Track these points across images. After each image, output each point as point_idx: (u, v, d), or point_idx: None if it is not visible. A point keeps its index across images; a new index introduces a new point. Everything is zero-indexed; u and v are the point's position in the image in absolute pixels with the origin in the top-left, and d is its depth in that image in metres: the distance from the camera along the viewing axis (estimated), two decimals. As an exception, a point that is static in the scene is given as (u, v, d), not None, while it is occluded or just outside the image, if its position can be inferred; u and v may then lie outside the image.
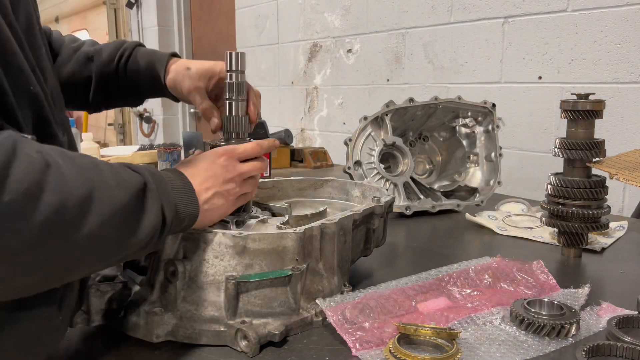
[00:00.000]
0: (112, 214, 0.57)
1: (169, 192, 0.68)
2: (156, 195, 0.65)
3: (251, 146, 0.87)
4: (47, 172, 0.51)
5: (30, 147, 0.52)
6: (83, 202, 0.54)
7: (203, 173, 0.79)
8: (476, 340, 0.77)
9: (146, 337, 0.76)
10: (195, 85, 0.98)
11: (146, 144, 3.35)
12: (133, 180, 0.63)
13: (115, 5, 5.06)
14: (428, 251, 1.29)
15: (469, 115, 1.70)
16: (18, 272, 0.51)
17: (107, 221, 0.56)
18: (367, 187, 1.16)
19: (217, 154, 0.83)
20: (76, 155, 0.58)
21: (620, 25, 1.70)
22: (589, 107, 1.11)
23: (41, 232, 0.50)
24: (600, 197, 1.13)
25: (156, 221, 0.64)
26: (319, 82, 2.95)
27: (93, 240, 0.56)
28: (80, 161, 0.57)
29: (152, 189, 0.65)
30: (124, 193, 0.60)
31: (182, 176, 0.75)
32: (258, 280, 0.78)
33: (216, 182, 0.79)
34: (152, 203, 0.64)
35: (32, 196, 0.49)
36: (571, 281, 0.98)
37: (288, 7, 3.10)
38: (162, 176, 0.69)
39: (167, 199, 0.67)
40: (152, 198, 0.64)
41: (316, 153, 2.49)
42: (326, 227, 0.86)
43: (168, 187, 0.69)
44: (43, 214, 0.49)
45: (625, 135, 1.72)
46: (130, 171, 0.65)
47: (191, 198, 0.74)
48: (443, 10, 2.22)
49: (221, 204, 0.81)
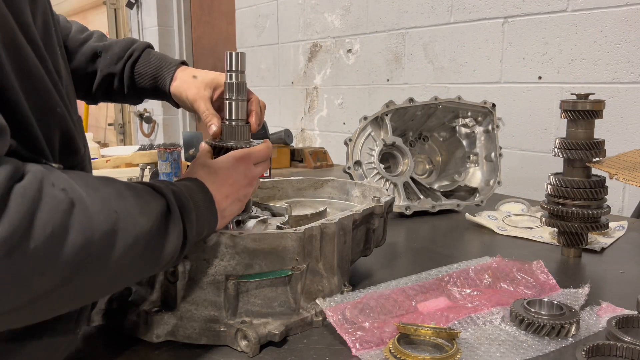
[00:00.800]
0: (136, 241, 0.58)
1: (191, 212, 0.68)
2: (178, 218, 0.65)
3: (264, 149, 0.88)
4: (72, 211, 0.51)
5: (56, 185, 0.52)
6: (108, 235, 0.54)
7: (224, 182, 0.79)
8: (476, 340, 0.77)
9: (146, 337, 0.76)
10: (201, 94, 0.98)
11: (146, 144, 3.35)
12: (155, 205, 0.63)
13: (115, 5, 5.06)
14: (428, 251, 1.29)
15: (469, 115, 1.70)
16: (52, 307, 0.54)
17: (131, 249, 0.57)
18: (367, 187, 1.16)
19: (235, 159, 0.83)
20: (100, 184, 0.58)
21: (620, 25, 1.70)
22: (588, 107, 1.11)
23: (69, 271, 0.51)
24: (600, 197, 1.13)
25: (177, 242, 0.65)
26: (319, 82, 2.95)
27: (119, 268, 0.57)
28: (104, 191, 0.57)
29: (175, 212, 0.65)
30: (147, 220, 0.60)
31: (204, 189, 0.75)
32: (258, 280, 0.78)
33: (236, 189, 0.80)
34: (174, 225, 0.64)
35: (57, 239, 0.49)
36: (571, 281, 0.98)
37: (288, 7, 3.10)
38: (185, 195, 0.69)
39: (189, 220, 0.67)
40: (175, 221, 0.64)
41: (316, 153, 2.49)
42: (326, 227, 0.86)
43: (190, 206, 0.69)
44: (70, 254, 0.50)
45: (625, 135, 1.72)
46: (153, 193, 0.64)
47: (211, 211, 0.74)
48: (443, 10, 2.22)
49: (237, 208, 0.82)
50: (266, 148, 0.88)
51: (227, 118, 0.93)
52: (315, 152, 2.50)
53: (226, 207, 0.78)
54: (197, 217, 0.70)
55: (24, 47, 0.56)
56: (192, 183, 0.75)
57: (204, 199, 0.73)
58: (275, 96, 3.28)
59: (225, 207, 0.78)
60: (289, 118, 3.19)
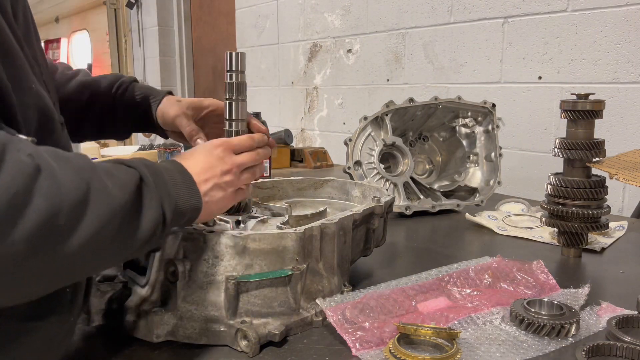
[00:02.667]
0: (110, 215, 0.56)
1: (168, 184, 0.67)
2: (154, 189, 0.63)
3: (245, 138, 0.87)
4: (38, 176, 0.49)
5: (21, 150, 0.50)
6: (78, 205, 0.52)
7: (201, 164, 0.77)
8: (476, 340, 0.77)
9: (146, 337, 0.76)
10: (182, 112, 1.03)
11: (146, 144, 3.35)
12: (128, 177, 0.62)
13: (115, 5, 5.06)
14: (428, 251, 1.29)
15: (469, 115, 1.70)
16: (12, 282, 0.49)
17: (105, 224, 0.55)
18: (367, 187, 1.16)
19: (213, 145, 0.82)
20: (72, 156, 0.57)
21: (620, 25, 1.70)
22: (588, 107, 1.11)
23: (31, 241, 0.48)
24: (600, 197, 1.13)
25: (156, 216, 0.63)
26: (319, 82, 2.95)
27: (90, 244, 0.54)
28: (75, 162, 0.56)
29: (149, 183, 0.63)
30: (120, 192, 0.58)
31: (181, 167, 0.74)
32: (258, 280, 0.78)
33: (214, 173, 0.78)
34: (150, 198, 0.62)
35: (20, 202, 0.47)
36: (571, 281, 0.98)
37: (288, 7, 3.10)
38: (159, 169, 0.68)
39: (166, 192, 0.66)
40: (150, 193, 0.63)
41: (316, 153, 2.49)
42: (326, 227, 0.86)
43: (166, 179, 0.67)
44: (33, 220, 0.48)
45: (625, 135, 1.72)
46: (125, 167, 0.63)
47: (192, 190, 0.72)
48: (443, 10, 2.22)
49: (220, 196, 0.79)
50: (248, 138, 0.87)
51: (227, 118, 0.93)
52: (315, 152, 2.50)
53: (207, 190, 0.76)
54: (177, 193, 0.68)
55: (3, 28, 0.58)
56: (169, 163, 0.74)
57: (181, 177, 0.71)
58: (275, 96, 3.28)
59: (206, 191, 0.76)
60: (289, 118, 3.19)
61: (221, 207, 0.81)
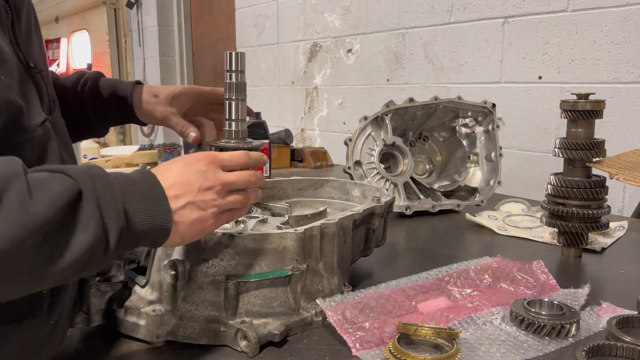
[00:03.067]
0: (22, 234, 0.48)
1: (117, 201, 0.57)
2: (93, 206, 0.54)
3: (238, 154, 0.75)
4: None
5: None
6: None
7: (174, 178, 0.66)
8: (476, 340, 0.77)
9: (146, 337, 0.76)
10: (169, 111, 1.05)
11: (146, 144, 3.35)
12: (63, 189, 0.53)
13: (115, 5, 5.06)
14: (428, 251, 1.29)
15: (469, 115, 1.70)
16: None
17: (14, 243, 0.48)
18: (367, 187, 1.16)
19: (196, 157, 0.71)
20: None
21: (620, 25, 1.70)
22: (589, 107, 1.10)
23: None
24: (600, 197, 1.13)
25: (92, 239, 0.54)
26: (319, 82, 2.95)
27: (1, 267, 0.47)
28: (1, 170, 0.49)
29: (89, 198, 0.54)
30: (44, 208, 0.50)
31: (152, 179, 0.64)
32: (258, 280, 0.78)
33: (189, 189, 0.66)
34: (87, 217, 0.54)
35: None
36: (571, 281, 0.98)
37: (288, 7, 3.10)
38: (110, 181, 0.58)
39: (114, 210, 0.56)
40: (88, 210, 0.54)
41: (316, 153, 2.49)
42: (326, 227, 0.86)
43: (117, 194, 0.57)
44: None
45: (625, 135, 1.72)
46: (64, 178, 0.55)
47: (160, 207, 0.62)
48: (443, 10, 2.22)
49: (195, 217, 0.67)
50: (242, 155, 0.75)
51: (227, 118, 0.93)
52: (315, 152, 2.50)
53: (177, 208, 0.65)
54: (133, 210, 0.58)
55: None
56: (139, 174, 0.65)
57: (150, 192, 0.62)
58: (275, 96, 3.28)
59: (177, 209, 0.65)
60: (289, 118, 3.19)
61: (196, 231, 0.69)
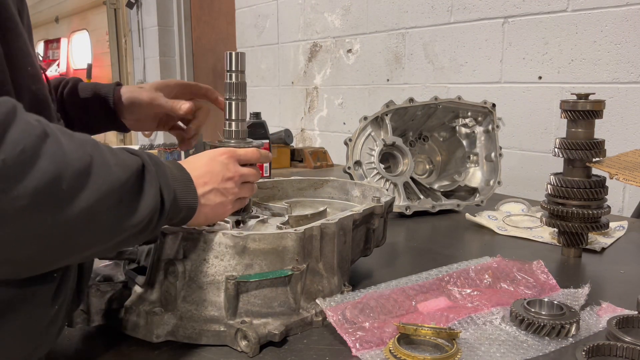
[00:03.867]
0: (109, 190, 0.56)
1: (168, 176, 0.67)
2: (155, 177, 0.64)
3: (252, 151, 0.88)
4: (45, 139, 0.51)
5: (30, 115, 0.52)
6: (80, 175, 0.53)
7: (202, 168, 0.78)
8: (476, 340, 0.77)
9: (146, 337, 0.76)
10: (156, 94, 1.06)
11: (146, 144, 3.35)
12: (132, 160, 0.62)
13: (115, 5, 5.06)
14: (428, 251, 1.29)
15: (469, 115, 1.70)
16: (10, 237, 0.50)
17: (104, 198, 0.55)
18: (367, 187, 1.16)
19: (218, 152, 0.83)
20: (75, 133, 0.57)
21: (620, 25, 1.70)
22: (589, 107, 1.10)
23: (34, 198, 0.49)
24: (600, 197, 1.13)
25: (154, 203, 0.63)
26: (319, 82, 2.95)
27: (88, 216, 0.54)
28: (79, 137, 0.57)
29: (151, 171, 0.64)
30: (122, 171, 0.59)
31: (181, 167, 0.75)
32: (258, 280, 0.78)
33: (215, 178, 0.79)
34: (150, 184, 0.63)
35: (27, 159, 0.49)
36: (571, 281, 0.98)
37: (288, 7, 3.10)
38: (160, 161, 0.69)
39: (166, 182, 0.66)
40: (151, 179, 0.63)
41: (316, 153, 2.49)
42: (326, 227, 0.86)
43: (167, 171, 0.68)
44: (37, 179, 0.49)
45: (625, 135, 1.72)
46: (128, 153, 0.64)
47: (189, 188, 0.73)
48: (443, 10, 2.22)
49: (219, 201, 0.79)
50: (255, 151, 0.88)
51: (227, 118, 0.93)
52: (315, 152, 2.50)
53: (204, 193, 0.77)
54: (175, 187, 0.69)
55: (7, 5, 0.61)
56: (169, 163, 0.74)
57: (180, 175, 0.72)
58: (275, 96, 3.28)
59: (204, 194, 0.76)
60: (289, 118, 3.19)
61: (218, 213, 0.81)
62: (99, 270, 0.89)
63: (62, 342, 0.78)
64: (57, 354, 0.75)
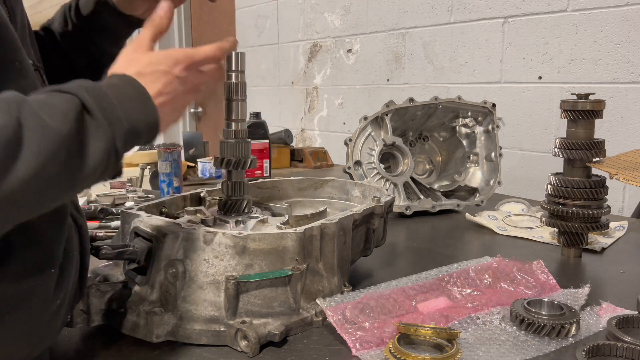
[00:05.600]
0: (51, 150, 0.52)
1: (116, 107, 0.60)
2: (99, 115, 0.58)
3: (212, 49, 0.76)
4: None
5: None
6: (9, 144, 0.49)
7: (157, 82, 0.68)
8: (476, 340, 0.77)
9: (146, 337, 0.76)
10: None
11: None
12: (67, 104, 0.56)
13: (115, 5, 5.05)
14: (428, 251, 1.29)
15: (469, 115, 1.70)
16: None
17: (47, 160, 0.51)
18: (367, 187, 1.16)
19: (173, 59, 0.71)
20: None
21: (620, 25, 1.70)
22: (589, 107, 1.10)
23: None
24: (600, 197, 1.13)
25: (105, 146, 0.58)
26: (319, 82, 2.95)
27: (34, 181, 0.51)
28: (1, 97, 0.52)
29: (92, 109, 0.58)
30: (60, 122, 0.54)
31: (134, 83, 0.66)
32: (258, 280, 0.78)
33: (171, 95, 0.70)
34: (95, 127, 0.57)
35: None
36: (571, 281, 0.98)
37: (288, 7, 3.10)
38: (103, 90, 0.61)
39: (115, 116, 0.60)
40: (95, 120, 0.57)
41: (316, 153, 2.49)
42: (326, 227, 0.86)
43: (112, 100, 0.61)
44: None
45: (625, 135, 1.72)
46: (61, 95, 0.58)
47: (147, 106, 0.65)
48: (443, 10, 2.22)
49: (175, 117, 0.72)
50: (215, 48, 0.76)
51: (227, 118, 0.93)
52: (315, 152, 2.50)
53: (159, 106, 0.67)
54: (128, 113, 0.62)
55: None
56: (118, 79, 0.67)
57: (135, 92, 0.65)
58: (275, 96, 3.28)
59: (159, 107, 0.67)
60: (289, 118, 3.19)
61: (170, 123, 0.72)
62: (99, 270, 0.89)
63: (62, 342, 0.78)
64: (57, 354, 0.75)
